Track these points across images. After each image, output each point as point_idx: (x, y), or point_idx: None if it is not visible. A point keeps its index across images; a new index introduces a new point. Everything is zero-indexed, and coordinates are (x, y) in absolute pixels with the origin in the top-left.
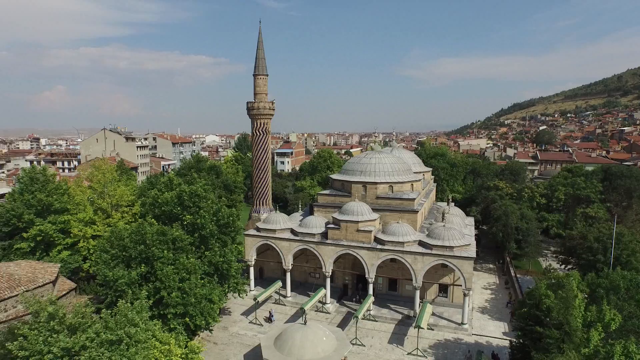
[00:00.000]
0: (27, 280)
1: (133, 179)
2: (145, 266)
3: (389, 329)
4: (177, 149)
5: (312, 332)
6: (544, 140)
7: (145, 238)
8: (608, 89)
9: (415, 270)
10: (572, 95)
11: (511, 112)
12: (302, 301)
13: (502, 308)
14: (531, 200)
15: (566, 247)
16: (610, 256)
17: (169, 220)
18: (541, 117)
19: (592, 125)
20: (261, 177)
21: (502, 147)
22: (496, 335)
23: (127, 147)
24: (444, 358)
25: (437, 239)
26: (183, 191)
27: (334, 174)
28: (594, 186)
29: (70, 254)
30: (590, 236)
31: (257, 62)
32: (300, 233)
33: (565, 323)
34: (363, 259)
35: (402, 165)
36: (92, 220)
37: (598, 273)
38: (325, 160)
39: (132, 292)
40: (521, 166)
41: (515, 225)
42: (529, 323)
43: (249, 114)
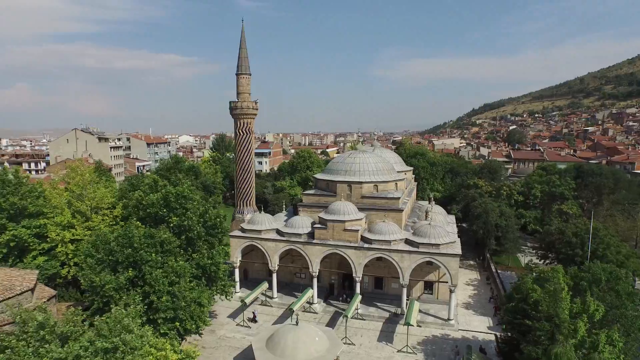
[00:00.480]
0: (4, 288)
1: (112, 181)
2: (132, 270)
3: (377, 327)
4: (152, 150)
5: (304, 333)
6: (515, 139)
7: (132, 241)
8: (572, 91)
9: (403, 268)
10: (539, 96)
11: (482, 112)
12: (289, 302)
13: (485, 303)
14: (509, 198)
15: (545, 242)
16: (587, 250)
17: (154, 222)
18: (511, 117)
19: (559, 125)
20: (245, 177)
21: (475, 147)
22: (482, 330)
23: (100, 147)
24: (433, 354)
25: (423, 237)
26: (169, 192)
27: (318, 173)
28: (568, 184)
29: (46, 259)
30: (569, 231)
31: (239, 61)
32: (286, 233)
33: (555, 315)
34: (350, 258)
35: (386, 165)
36: (70, 223)
37: (580, 267)
38: (305, 160)
39: (120, 298)
40: (499, 165)
41: (495, 222)
42: (517, 317)
43: (232, 113)
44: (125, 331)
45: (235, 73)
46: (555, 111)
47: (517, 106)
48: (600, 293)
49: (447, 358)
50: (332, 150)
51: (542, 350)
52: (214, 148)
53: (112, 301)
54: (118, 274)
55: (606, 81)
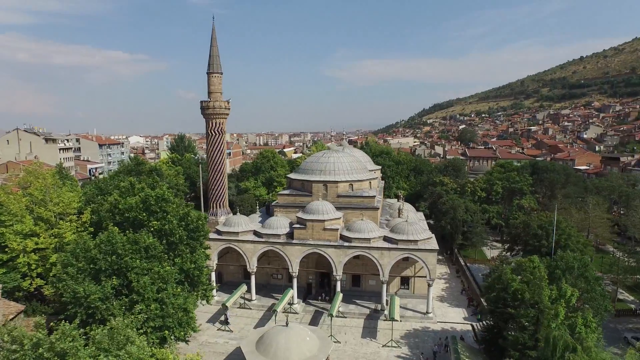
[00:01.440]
0: None
1: (75, 185)
2: (117, 278)
3: (359, 324)
4: (105, 151)
5: (295, 333)
6: (466, 138)
7: (116, 247)
8: (514, 92)
9: (382, 264)
10: (485, 97)
11: (432, 112)
12: (268, 303)
13: (458, 295)
14: (473, 194)
15: (511, 235)
16: (552, 241)
17: (132, 227)
18: (460, 116)
19: (505, 125)
20: (217, 178)
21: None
22: (458, 321)
23: (47, 149)
24: (416, 346)
25: (401, 234)
26: (149, 195)
27: (291, 173)
28: (526, 179)
29: (5, 271)
30: (534, 224)
31: (211, 59)
32: (265, 234)
33: (540, 301)
34: (330, 257)
35: (359, 164)
36: (32, 231)
37: (551, 256)
38: (268, 160)
39: (107, 308)
40: (462, 163)
41: (462, 218)
42: (499, 305)
43: (203, 113)
44: (128, 343)
45: (207, 72)
46: (500, 111)
47: (465, 106)
48: (572, 279)
49: (431, 350)
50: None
51: (529, 335)
52: (173, 149)
53: (98, 312)
54: (103, 283)
55: (543, 84)
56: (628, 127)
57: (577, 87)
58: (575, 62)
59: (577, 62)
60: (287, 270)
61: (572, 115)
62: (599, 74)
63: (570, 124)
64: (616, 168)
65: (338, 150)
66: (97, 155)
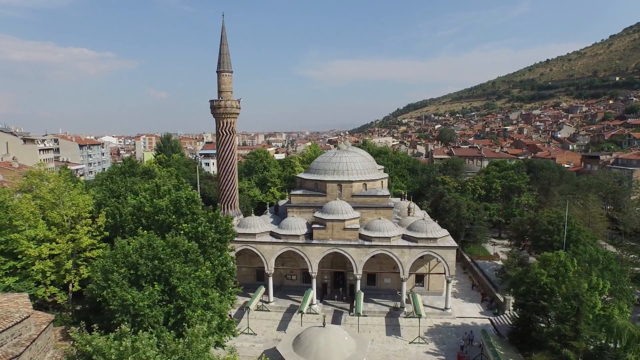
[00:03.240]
0: (0, 317)
1: (83, 187)
2: (158, 284)
3: (380, 322)
4: (85, 152)
5: (333, 334)
6: (446, 138)
7: (158, 252)
8: (486, 93)
9: (403, 262)
10: (458, 97)
11: (407, 112)
12: (285, 305)
13: (469, 291)
14: (473, 192)
15: (518, 231)
16: (563, 235)
17: (160, 230)
18: (435, 116)
19: (480, 125)
20: (228, 179)
21: (409, 145)
22: (475, 315)
23: (25, 150)
24: (442, 342)
25: (420, 232)
26: (180, 197)
27: (302, 173)
28: (523, 177)
29: (17, 279)
30: (543, 220)
31: (221, 58)
32: (283, 235)
33: (580, 293)
34: (351, 256)
35: (370, 164)
36: (46, 237)
37: (565, 250)
38: (261, 160)
39: (154, 315)
40: (461, 162)
41: (466, 215)
42: (529, 299)
43: (213, 112)
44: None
45: (217, 70)
46: (474, 111)
47: (439, 107)
48: (598, 272)
49: (456, 344)
50: (270, 150)
51: (570, 326)
52: (159, 149)
53: (146, 319)
54: (146, 289)
55: (513, 85)
56: (597, 127)
57: (545, 89)
58: (542, 64)
59: (544, 65)
60: (301, 271)
61: (542, 115)
62: (564, 76)
63: (542, 124)
64: (596, 166)
65: (348, 150)
66: (78, 156)
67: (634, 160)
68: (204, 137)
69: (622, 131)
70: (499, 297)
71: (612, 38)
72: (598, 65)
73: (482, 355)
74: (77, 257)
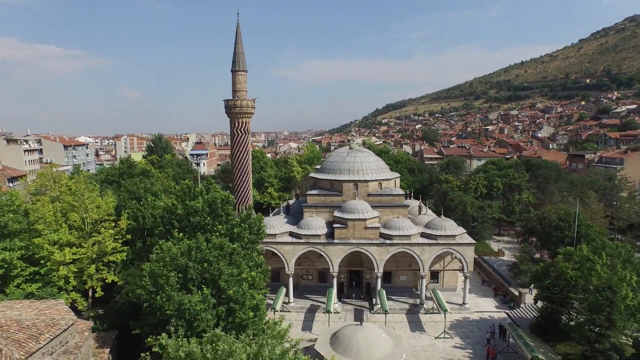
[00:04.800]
0: (46, 325)
1: (97, 188)
2: (206, 287)
3: (402, 319)
4: (70, 153)
5: (371, 332)
6: (431, 137)
7: (206, 254)
8: (464, 94)
9: (423, 260)
10: (437, 97)
11: (386, 112)
12: (305, 305)
13: (480, 286)
14: (475, 191)
15: (527, 228)
16: (574, 231)
17: (193, 233)
18: (414, 116)
19: (460, 124)
20: (243, 179)
21: (394, 144)
22: (491, 309)
23: (10, 151)
24: (467, 336)
25: (439, 230)
26: (216, 198)
27: (315, 173)
28: (523, 176)
29: (40, 286)
30: (553, 216)
31: (235, 57)
32: (304, 235)
33: (614, 285)
34: (372, 255)
35: (383, 164)
36: (69, 241)
37: (592, 244)
38: (258, 160)
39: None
40: (462, 161)
41: (471, 213)
42: (555, 292)
43: (228, 112)
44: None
45: (231, 70)
46: (453, 112)
47: (418, 107)
48: (622, 264)
49: (480, 338)
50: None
51: (605, 317)
52: (151, 150)
53: (200, 323)
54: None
55: (490, 86)
56: (574, 127)
57: (520, 90)
58: (517, 66)
59: (519, 66)
60: (317, 271)
61: (520, 115)
62: (538, 77)
63: (520, 124)
64: (581, 164)
65: (361, 150)
66: (62, 157)
67: (617, 159)
68: (188, 137)
69: (598, 131)
70: (513, 291)
71: (582, 42)
72: (569, 67)
73: (508, 347)
74: (98, 262)
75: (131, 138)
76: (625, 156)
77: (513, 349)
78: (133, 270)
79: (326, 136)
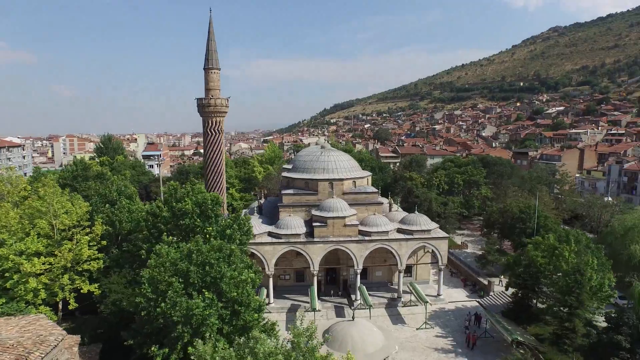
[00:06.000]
0: (34, 342)
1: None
2: (207, 290)
3: (383, 313)
4: (4, 155)
5: (363, 327)
6: (382, 137)
7: (207, 257)
8: (409, 94)
9: (400, 255)
10: (383, 98)
11: (334, 111)
12: (285, 305)
13: (450, 278)
14: (438, 187)
15: (489, 221)
16: (534, 222)
17: (182, 236)
18: (362, 116)
19: (408, 124)
20: (216, 180)
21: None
22: (463, 299)
23: None
24: (446, 325)
25: (415, 225)
26: (206, 199)
27: (288, 172)
28: (481, 172)
29: (4, 302)
30: (515, 209)
31: (208, 54)
32: (284, 235)
33: (583, 267)
34: (352, 252)
35: (355, 162)
36: (37, 250)
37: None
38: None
39: (213, 324)
40: (424, 159)
41: (436, 209)
42: (527, 279)
43: (201, 111)
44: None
45: (204, 67)
46: (400, 111)
47: (365, 106)
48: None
49: (458, 326)
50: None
51: (575, 298)
52: (100, 151)
53: (207, 329)
54: (199, 296)
55: (434, 87)
56: (513, 126)
57: (462, 91)
58: (458, 68)
59: (460, 69)
60: (294, 270)
61: (464, 115)
62: (478, 80)
63: (464, 123)
64: (525, 161)
65: (332, 149)
66: None
67: (555, 155)
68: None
69: (534, 130)
70: (482, 281)
71: (514, 48)
72: (505, 71)
73: (485, 332)
74: (71, 271)
75: (71, 139)
76: (562, 153)
77: (490, 334)
78: (116, 278)
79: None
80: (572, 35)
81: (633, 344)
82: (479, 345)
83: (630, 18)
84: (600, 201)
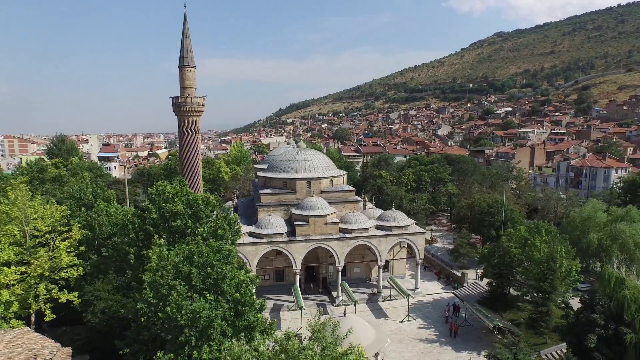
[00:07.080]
0: (27, 358)
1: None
2: (208, 292)
3: (365, 308)
4: None
5: (355, 321)
6: (341, 136)
7: (209, 258)
8: (365, 94)
9: (380, 251)
10: (339, 98)
11: (290, 111)
12: (269, 305)
13: (424, 272)
14: (406, 185)
15: (458, 216)
16: (502, 216)
17: (173, 238)
18: (319, 116)
19: (365, 124)
20: (193, 180)
21: (311, 144)
22: (439, 291)
23: None
24: (426, 317)
25: (393, 222)
26: (197, 199)
27: (264, 172)
28: (447, 170)
29: None
30: (483, 204)
31: (183, 52)
32: (265, 235)
33: (555, 256)
34: (334, 249)
35: (331, 161)
36: (8, 259)
37: (529, 226)
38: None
39: (219, 325)
40: (392, 157)
41: (406, 206)
42: (502, 268)
43: (176, 110)
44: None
45: (179, 65)
46: (356, 111)
47: (321, 106)
48: (552, 240)
49: (438, 317)
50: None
51: (549, 283)
52: (52, 153)
53: (214, 332)
54: (200, 298)
55: (388, 87)
56: (466, 126)
57: (416, 91)
58: (411, 69)
59: (413, 70)
60: (274, 270)
61: (419, 115)
62: (430, 81)
63: (419, 123)
64: (482, 159)
65: (308, 149)
66: None
67: (509, 153)
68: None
69: (486, 130)
70: (456, 273)
71: (463, 51)
72: (455, 72)
73: (465, 321)
74: (46, 280)
75: (10, 140)
76: (516, 151)
77: (469, 322)
78: (101, 285)
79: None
80: (515, 40)
81: (606, 321)
82: (460, 333)
83: (563, 27)
84: (556, 195)
